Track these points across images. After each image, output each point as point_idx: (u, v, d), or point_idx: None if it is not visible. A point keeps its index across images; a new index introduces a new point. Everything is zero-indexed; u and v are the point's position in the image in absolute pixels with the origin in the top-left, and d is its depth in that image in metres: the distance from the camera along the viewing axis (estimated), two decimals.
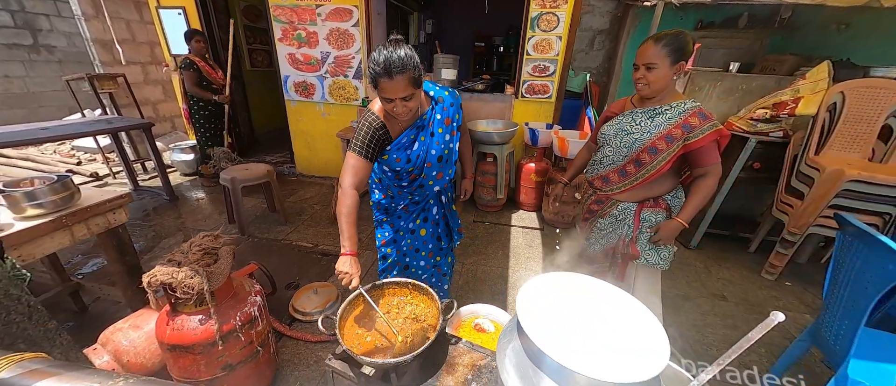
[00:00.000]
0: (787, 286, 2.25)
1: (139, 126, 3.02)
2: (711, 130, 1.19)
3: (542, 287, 0.94)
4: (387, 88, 1.06)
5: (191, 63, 3.17)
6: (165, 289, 1.12)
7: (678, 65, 1.18)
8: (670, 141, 1.23)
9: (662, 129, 1.24)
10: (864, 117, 2.04)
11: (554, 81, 3.06)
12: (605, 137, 1.41)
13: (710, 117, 1.22)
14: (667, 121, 1.24)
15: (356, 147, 1.21)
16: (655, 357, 0.73)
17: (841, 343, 1.10)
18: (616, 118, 1.39)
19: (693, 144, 1.21)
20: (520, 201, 3.27)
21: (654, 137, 1.25)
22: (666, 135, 1.24)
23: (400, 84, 1.04)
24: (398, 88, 1.05)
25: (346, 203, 1.15)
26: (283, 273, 2.20)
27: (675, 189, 1.39)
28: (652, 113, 1.28)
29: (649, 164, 1.28)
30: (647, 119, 1.28)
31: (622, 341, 0.79)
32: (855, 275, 1.05)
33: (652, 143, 1.25)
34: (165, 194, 3.25)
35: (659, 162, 1.26)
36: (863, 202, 1.93)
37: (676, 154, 1.24)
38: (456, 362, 1.18)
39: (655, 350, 0.74)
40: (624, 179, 1.36)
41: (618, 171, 1.37)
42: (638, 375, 0.68)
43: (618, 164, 1.36)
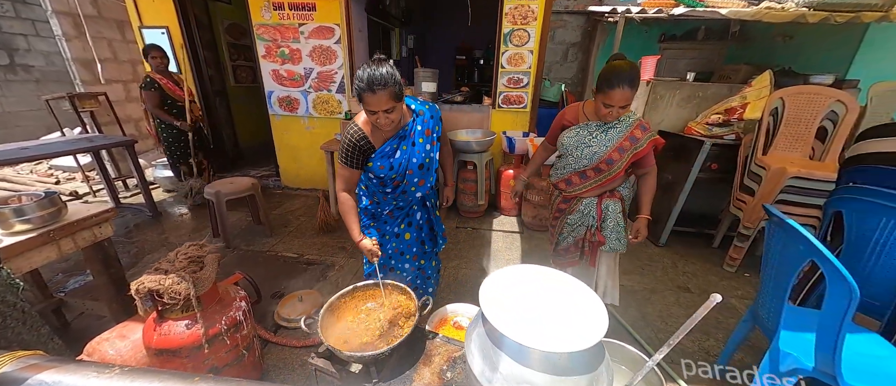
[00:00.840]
0: (746, 276, 2.42)
1: (121, 143, 3.04)
2: (649, 141, 1.46)
3: (502, 279, 1.05)
4: (370, 102, 1.18)
5: (152, 82, 2.99)
6: (153, 296, 1.18)
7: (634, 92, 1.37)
8: (622, 152, 1.47)
9: (614, 142, 1.46)
10: (802, 120, 2.26)
11: (528, 92, 3.24)
12: (565, 148, 1.56)
13: (648, 128, 1.47)
14: (618, 134, 1.46)
15: (342, 158, 1.37)
16: (596, 329, 0.84)
17: (772, 320, 1.24)
18: (574, 129, 1.53)
19: (638, 153, 1.46)
20: (500, 207, 3.39)
21: (610, 150, 1.47)
22: (618, 147, 1.47)
23: (382, 98, 1.17)
24: (381, 102, 1.17)
25: (344, 206, 1.39)
26: (269, 283, 2.24)
27: (625, 181, 1.63)
28: (605, 127, 1.47)
29: (606, 171, 1.51)
30: (602, 133, 1.47)
31: (570, 320, 0.90)
32: (778, 258, 1.19)
33: (608, 155, 1.47)
34: (148, 211, 3.25)
35: (614, 170, 1.50)
36: (804, 196, 2.12)
37: (628, 163, 1.49)
38: (432, 355, 1.27)
39: (597, 324, 0.86)
40: (585, 181, 1.58)
41: (578, 174, 1.57)
42: (581, 344, 0.79)
43: (579, 170, 1.55)
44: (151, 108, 3.05)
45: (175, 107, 3.15)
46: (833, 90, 2.19)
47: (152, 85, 2.99)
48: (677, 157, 2.74)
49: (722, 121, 2.57)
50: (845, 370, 1.05)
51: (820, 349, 1.08)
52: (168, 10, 3.60)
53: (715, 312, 2.03)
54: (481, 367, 0.90)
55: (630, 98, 1.33)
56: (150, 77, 3.01)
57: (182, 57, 3.74)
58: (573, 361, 0.82)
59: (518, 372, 0.83)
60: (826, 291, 1.02)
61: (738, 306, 2.11)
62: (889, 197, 1.30)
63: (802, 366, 1.13)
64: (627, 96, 1.32)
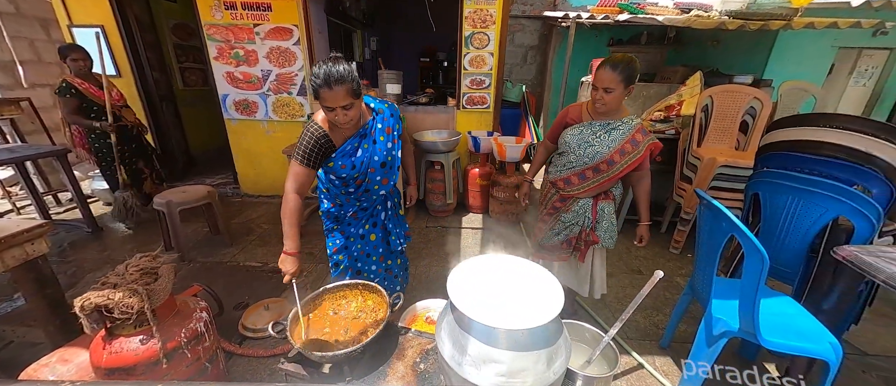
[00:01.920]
0: (689, 256, 2.68)
1: (52, 153, 2.74)
2: (647, 145, 1.49)
3: (468, 269, 1.10)
4: (327, 98, 1.18)
5: (68, 87, 2.63)
6: (101, 312, 1.10)
7: (629, 88, 1.40)
8: (623, 155, 1.49)
9: (617, 144, 1.47)
10: (727, 115, 2.56)
11: (490, 93, 3.35)
12: (567, 145, 1.58)
13: (648, 133, 1.51)
14: (621, 136, 1.47)
15: (299, 155, 1.32)
16: (552, 307, 0.92)
17: (706, 290, 1.41)
18: (577, 127, 1.55)
19: (639, 158, 1.48)
20: (469, 205, 3.48)
21: (612, 151, 1.48)
22: (620, 149, 1.48)
23: (339, 94, 1.17)
24: (338, 98, 1.18)
25: (288, 207, 1.29)
26: (231, 295, 2.14)
27: (617, 184, 1.66)
28: (608, 127, 1.48)
29: (606, 172, 1.52)
30: (605, 133, 1.49)
31: (530, 300, 0.97)
32: (707, 236, 1.36)
33: (610, 156, 1.48)
34: (86, 226, 2.95)
35: (614, 171, 1.51)
36: (732, 182, 2.40)
37: (628, 167, 1.49)
38: (405, 349, 1.30)
39: (553, 303, 0.94)
40: (583, 182, 1.58)
41: (578, 174, 1.58)
42: (540, 320, 0.86)
43: (579, 169, 1.56)
44: (67, 114, 2.69)
45: (97, 111, 2.77)
46: (751, 88, 2.51)
47: (68, 90, 2.64)
48: None
49: (663, 117, 2.84)
50: (763, 328, 1.23)
51: (742, 312, 1.25)
52: (102, 8, 3.31)
53: (664, 291, 2.25)
54: (451, 351, 0.95)
55: (613, 82, 1.35)
56: (66, 81, 2.65)
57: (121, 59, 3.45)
58: (534, 337, 0.89)
59: (485, 352, 0.89)
60: (744, 261, 1.19)
61: (683, 284, 2.33)
62: (792, 178, 1.53)
63: (730, 328, 1.30)
64: (610, 78, 1.35)
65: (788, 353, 1.24)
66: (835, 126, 1.53)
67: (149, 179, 3.17)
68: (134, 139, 3.03)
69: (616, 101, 1.41)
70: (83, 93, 2.70)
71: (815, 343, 1.23)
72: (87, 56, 2.75)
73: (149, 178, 3.17)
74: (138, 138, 3.08)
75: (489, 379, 0.86)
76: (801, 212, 1.51)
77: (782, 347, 1.23)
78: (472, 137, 3.24)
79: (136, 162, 3.05)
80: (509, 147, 2.94)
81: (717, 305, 1.36)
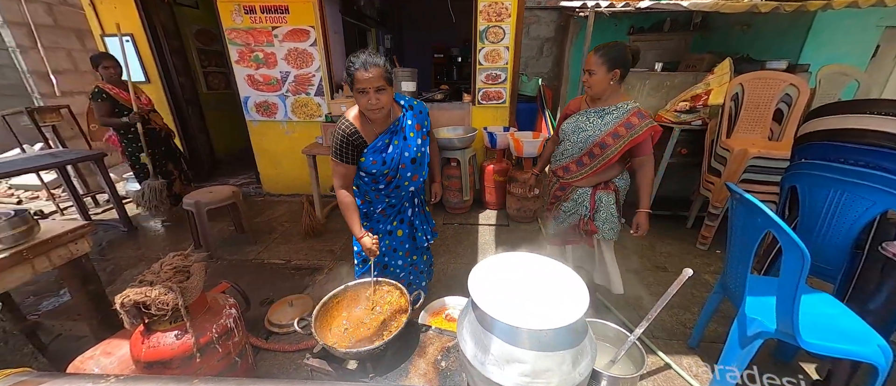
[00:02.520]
0: (717, 253, 2.57)
1: (89, 157, 2.91)
2: (646, 128, 1.45)
3: (489, 267, 1.09)
4: (362, 79, 1.20)
5: (100, 92, 2.77)
6: (139, 308, 1.16)
7: (614, 71, 1.40)
8: (617, 138, 1.48)
9: (610, 127, 1.48)
10: (760, 104, 2.42)
11: (506, 88, 3.30)
12: (564, 133, 1.63)
13: (646, 116, 1.47)
14: (614, 120, 1.48)
15: (335, 154, 1.38)
16: (578, 306, 0.90)
17: (739, 289, 1.35)
18: (573, 116, 1.61)
19: (635, 140, 1.45)
20: (485, 201, 3.46)
21: (604, 135, 1.49)
22: (613, 133, 1.48)
23: (374, 75, 1.20)
24: (372, 79, 1.20)
25: (343, 201, 1.40)
26: (257, 291, 2.21)
27: (622, 173, 1.65)
28: (602, 112, 1.50)
29: (600, 156, 1.53)
30: (598, 118, 1.51)
31: (554, 299, 0.96)
32: (740, 232, 1.29)
33: (602, 139, 1.49)
34: (122, 226, 3.12)
35: (608, 155, 1.51)
36: (765, 175, 2.28)
37: (623, 149, 1.47)
38: (427, 347, 1.30)
39: (578, 302, 0.91)
40: (581, 169, 1.60)
41: (575, 162, 1.60)
42: (565, 320, 0.84)
43: (575, 156, 1.59)
44: (101, 117, 2.85)
45: (128, 115, 2.90)
46: (786, 75, 2.36)
47: (101, 95, 2.79)
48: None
49: (689, 107, 2.71)
50: (803, 329, 1.16)
51: (780, 312, 1.18)
52: (131, 17, 3.46)
53: (691, 288, 2.17)
54: (474, 350, 0.94)
55: (594, 64, 1.41)
56: (98, 87, 2.81)
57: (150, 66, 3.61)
58: (558, 337, 0.87)
59: (508, 351, 0.88)
60: (783, 258, 1.12)
61: (712, 282, 2.24)
62: (833, 170, 1.43)
63: (766, 329, 1.23)
64: (592, 59, 1.42)
65: (831, 355, 1.17)
66: (880, 112, 1.42)
67: (178, 181, 3.32)
68: (162, 142, 3.15)
69: (600, 83, 1.43)
70: (114, 97, 2.84)
71: (861, 345, 1.15)
72: (117, 63, 2.90)
73: (178, 180, 3.32)
74: (167, 141, 3.22)
75: (513, 379, 0.85)
76: (845, 205, 1.41)
77: (824, 350, 1.16)
78: (488, 133, 3.21)
79: (165, 164, 3.19)
80: (526, 142, 2.89)
81: (752, 305, 1.29)
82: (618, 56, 1.39)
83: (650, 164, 1.54)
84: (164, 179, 3.13)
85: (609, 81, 1.42)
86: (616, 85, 1.46)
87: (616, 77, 1.41)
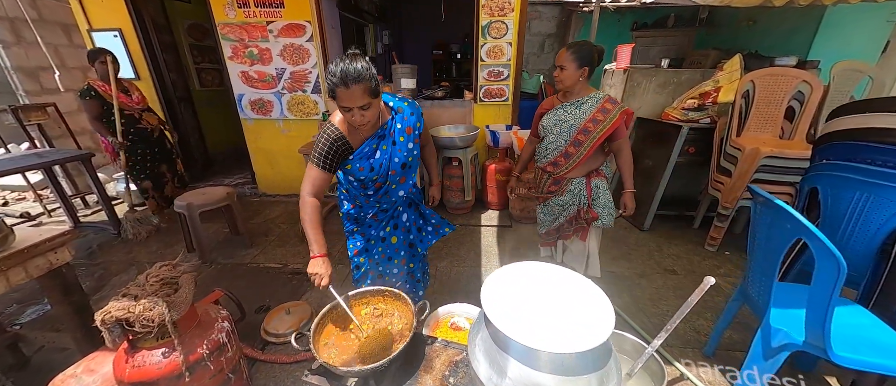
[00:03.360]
0: (726, 255, 2.51)
1: (77, 158, 2.79)
2: (620, 112, 1.57)
3: (503, 279, 1.01)
4: (344, 97, 1.10)
5: (89, 90, 2.61)
6: (122, 325, 1.07)
7: (583, 69, 1.53)
8: (596, 123, 1.59)
9: (588, 114, 1.59)
10: (771, 101, 2.35)
11: (509, 85, 3.22)
12: (545, 129, 1.72)
13: (617, 102, 1.60)
14: (590, 108, 1.60)
15: (315, 158, 1.27)
16: (603, 326, 0.82)
17: (762, 297, 1.28)
18: (551, 112, 1.70)
19: (613, 124, 1.57)
20: (487, 201, 3.38)
21: (584, 121, 1.59)
22: (591, 118, 1.59)
23: (357, 93, 1.09)
24: (355, 97, 1.10)
25: (306, 210, 1.25)
26: (252, 297, 2.13)
27: (606, 161, 1.79)
28: (577, 103, 1.62)
29: (584, 143, 1.62)
30: (575, 108, 1.62)
31: (576, 317, 0.88)
32: (766, 237, 1.22)
33: (583, 125, 1.60)
34: (112, 228, 3.01)
35: (591, 140, 1.61)
36: (777, 174, 2.21)
37: (604, 133, 1.58)
38: (433, 361, 1.22)
39: (604, 321, 0.84)
40: (568, 160, 1.69)
41: (563, 154, 1.68)
42: (591, 342, 0.77)
43: (561, 148, 1.67)
44: (91, 120, 2.70)
45: (122, 116, 2.73)
46: (799, 71, 2.29)
47: (89, 92, 2.63)
48: (657, 142, 2.80)
49: (697, 105, 2.64)
50: (834, 341, 1.09)
51: (810, 323, 1.11)
52: (120, 11, 3.33)
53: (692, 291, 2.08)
54: (488, 372, 0.86)
55: (565, 60, 1.52)
56: (88, 84, 2.66)
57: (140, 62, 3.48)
58: (583, 359, 0.80)
59: (527, 375, 0.80)
60: (815, 267, 1.05)
61: (722, 284, 2.18)
62: (858, 171, 1.36)
63: (793, 341, 1.17)
64: (562, 56, 1.53)
65: (862, 369, 1.11)
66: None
67: (170, 183, 3.19)
68: (155, 143, 3.00)
69: (570, 78, 1.54)
70: (102, 96, 2.68)
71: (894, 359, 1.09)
72: (115, 60, 2.72)
73: (170, 182, 3.18)
74: (160, 142, 3.06)
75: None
76: (871, 208, 1.34)
77: (856, 364, 1.09)
78: (490, 132, 3.12)
79: (157, 166, 3.06)
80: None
81: (777, 315, 1.23)
82: (586, 54, 1.51)
83: (627, 146, 1.67)
84: (149, 182, 3.01)
85: (578, 77, 1.54)
86: (584, 81, 1.58)
87: (585, 74, 1.54)
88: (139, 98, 2.90)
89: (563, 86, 1.60)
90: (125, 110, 2.76)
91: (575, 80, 1.56)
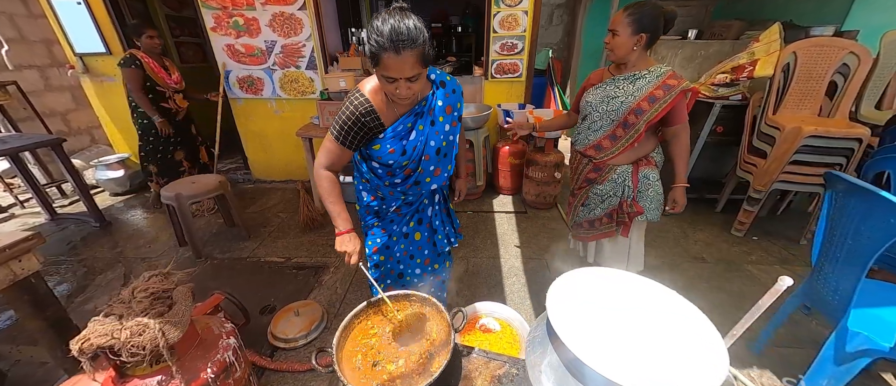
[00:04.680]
0: (754, 240, 2.40)
1: (47, 143, 2.50)
2: (682, 90, 1.29)
3: (570, 290, 0.84)
4: (391, 66, 0.88)
5: (132, 59, 2.52)
6: (106, 353, 0.88)
7: (639, 36, 1.25)
8: (653, 101, 1.31)
9: (644, 91, 1.32)
10: (813, 75, 2.17)
11: (523, 59, 2.97)
12: (590, 105, 1.47)
13: (682, 78, 1.32)
14: (647, 84, 1.32)
15: (335, 131, 1.07)
16: (715, 361, 0.67)
17: (839, 297, 1.14)
18: (598, 86, 1.45)
19: (672, 102, 1.29)
20: (499, 186, 3.20)
21: (639, 99, 1.32)
22: (649, 96, 1.31)
23: (408, 61, 0.88)
24: (405, 66, 0.89)
25: (324, 185, 1.10)
26: (255, 296, 1.95)
27: (657, 147, 1.52)
28: (632, 78, 1.35)
29: (636, 124, 1.36)
30: (629, 84, 1.36)
31: (676, 348, 0.72)
32: (854, 231, 1.07)
33: (637, 104, 1.33)
34: (94, 220, 2.76)
35: (645, 119, 1.34)
36: (818, 155, 2.07)
37: (661, 113, 1.31)
38: (473, 377, 1.07)
39: (714, 354, 0.68)
40: (615, 144, 1.44)
41: (608, 136, 1.44)
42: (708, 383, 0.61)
43: (607, 129, 1.43)
44: (134, 89, 2.56)
45: (158, 95, 2.66)
46: (848, 42, 2.10)
47: (133, 61, 2.51)
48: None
49: (729, 80, 2.45)
50: None
51: None
52: None
53: (741, 284, 1.97)
54: None
55: (618, 24, 1.26)
56: (131, 53, 2.56)
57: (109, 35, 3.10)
58: None
59: None
60: None
61: (755, 273, 2.08)
62: None
63: (876, 346, 1.04)
64: (617, 19, 1.27)
65: None
66: None
67: (187, 173, 2.95)
68: (177, 127, 2.84)
69: (622, 47, 1.30)
70: (146, 68, 2.55)
71: None
72: (160, 36, 2.65)
73: (187, 173, 2.96)
74: (184, 127, 2.91)
75: None
76: None
77: None
78: (503, 111, 2.90)
79: (172, 152, 2.87)
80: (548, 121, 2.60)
81: (858, 317, 1.10)
82: (647, 19, 1.24)
83: (686, 132, 1.40)
84: (155, 166, 2.85)
85: (632, 46, 1.28)
86: (641, 50, 1.31)
87: (641, 42, 1.27)
88: (177, 78, 2.78)
89: (613, 56, 1.34)
90: (161, 87, 2.67)
91: (628, 50, 1.29)
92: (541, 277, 2.08)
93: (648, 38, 1.26)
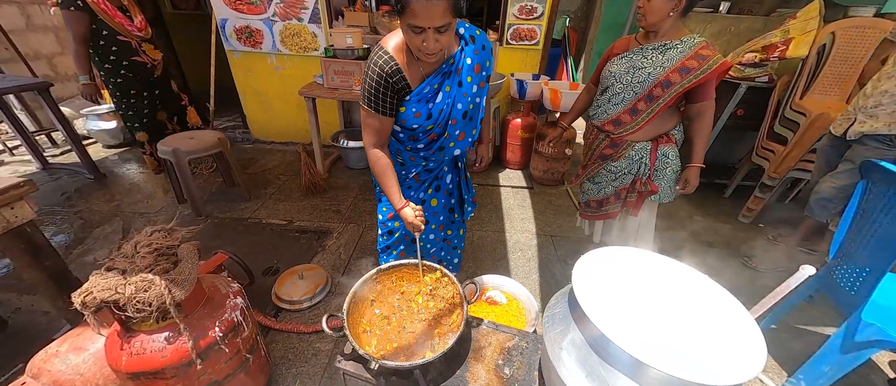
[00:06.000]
0: (761, 227, 2.39)
1: (32, 86, 2.36)
2: (718, 64, 1.19)
3: (596, 268, 0.81)
4: (420, 13, 0.80)
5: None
6: (111, 307, 0.85)
7: (678, 0, 1.16)
8: (685, 73, 1.22)
9: (675, 62, 1.23)
10: (849, 58, 2.06)
11: (541, 25, 2.78)
12: (613, 76, 1.37)
13: (716, 50, 1.23)
14: (679, 54, 1.23)
15: (365, 99, 1.01)
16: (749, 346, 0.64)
17: (859, 287, 1.13)
18: (624, 55, 1.35)
19: (706, 76, 1.20)
20: (506, 160, 3.12)
21: (668, 71, 1.23)
22: (680, 67, 1.22)
23: (438, 8, 0.79)
24: (435, 15, 0.80)
25: (378, 166, 1.08)
26: (258, 258, 1.92)
27: (678, 124, 1.44)
28: (662, 48, 1.26)
29: (661, 97, 1.28)
30: (658, 54, 1.26)
31: (707, 331, 0.70)
32: (890, 222, 1.03)
33: (665, 76, 1.24)
34: (88, 172, 2.68)
35: (671, 94, 1.26)
36: None
37: (688, 86, 1.23)
38: (483, 347, 1.07)
39: (749, 338, 0.66)
40: (635, 118, 1.36)
41: (629, 110, 1.36)
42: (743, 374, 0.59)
43: (628, 102, 1.35)
44: (74, 37, 2.02)
45: (109, 41, 2.12)
46: (891, 22, 1.97)
47: (75, 1, 1.94)
48: None
49: (758, 60, 2.32)
50: None
51: None
52: None
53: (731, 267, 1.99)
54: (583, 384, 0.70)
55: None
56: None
57: None
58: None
59: None
60: None
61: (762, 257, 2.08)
62: None
63: (888, 337, 1.04)
64: None
65: None
66: None
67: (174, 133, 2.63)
68: (156, 84, 2.41)
69: (658, 12, 1.18)
70: (93, 10, 2.01)
71: None
72: None
73: (172, 133, 2.53)
74: (163, 83, 2.46)
75: None
76: None
77: None
78: (516, 81, 2.76)
79: (154, 112, 2.47)
80: (565, 93, 2.49)
81: (873, 309, 1.09)
82: None
83: (711, 111, 1.32)
84: (145, 134, 2.46)
85: (669, 11, 1.18)
86: (677, 17, 1.21)
87: (679, 7, 1.17)
88: (141, 22, 2.26)
89: (645, 22, 1.23)
90: (121, 34, 2.15)
91: (663, 15, 1.18)
92: (546, 253, 2.07)
93: (687, 3, 1.16)
